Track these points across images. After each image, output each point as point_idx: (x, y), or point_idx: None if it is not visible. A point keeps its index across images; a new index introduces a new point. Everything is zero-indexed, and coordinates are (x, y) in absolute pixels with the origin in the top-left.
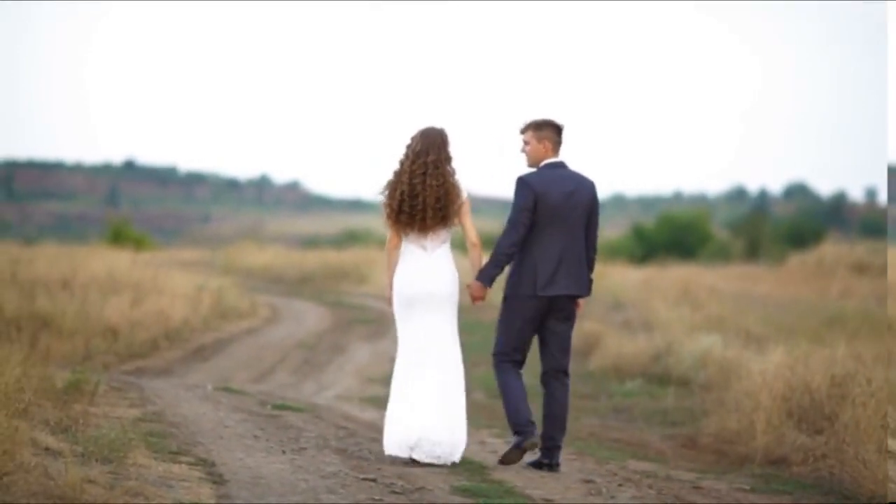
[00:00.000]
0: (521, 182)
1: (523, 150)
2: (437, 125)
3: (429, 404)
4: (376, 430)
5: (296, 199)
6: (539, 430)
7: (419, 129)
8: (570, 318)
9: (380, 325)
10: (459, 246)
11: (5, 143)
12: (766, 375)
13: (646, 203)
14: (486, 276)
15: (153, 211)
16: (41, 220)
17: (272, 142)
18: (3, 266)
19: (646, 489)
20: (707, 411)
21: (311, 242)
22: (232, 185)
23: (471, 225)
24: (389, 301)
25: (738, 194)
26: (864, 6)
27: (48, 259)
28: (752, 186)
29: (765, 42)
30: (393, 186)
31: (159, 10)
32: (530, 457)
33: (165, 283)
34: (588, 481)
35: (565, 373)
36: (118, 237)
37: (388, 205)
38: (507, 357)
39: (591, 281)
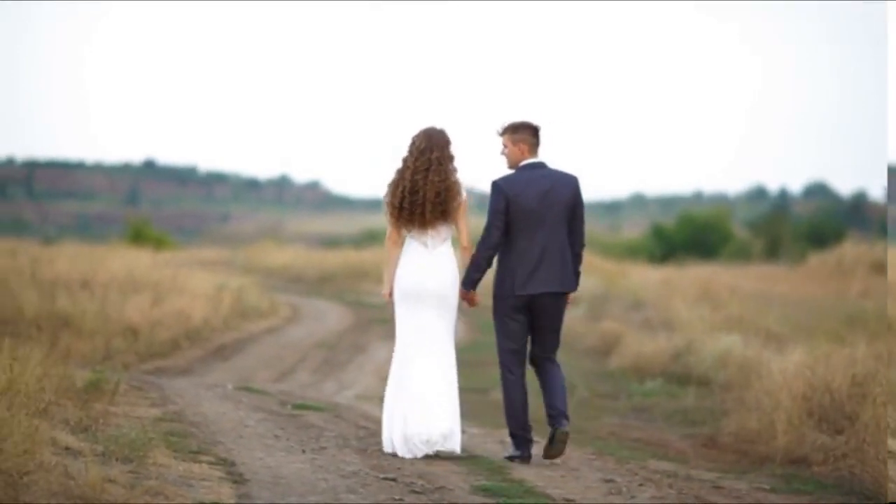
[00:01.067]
0: (494, 186)
1: (502, 153)
2: (438, 126)
3: (432, 400)
4: None
5: (316, 198)
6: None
7: (422, 128)
8: (557, 313)
9: None
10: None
11: (25, 143)
12: (786, 375)
13: (666, 202)
14: (468, 281)
15: (173, 210)
16: (61, 220)
17: (292, 141)
18: (24, 265)
19: (666, 489)
20: (727, 411)
21: (331, 242)
22: (252, 185)
23: (465, 227)
24: (387, 297)
25: (759, 194)
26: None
27: (68, 259)
28: (773, 186)
29: (786, 42)
30: (395, 184)
31: (180, 11)
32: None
33: (185, 282)
34: (608, 481)
35: (553, 359)
36: (138, 237)
37: (390, 202)
38: (509, 365)
39: (578, 275)
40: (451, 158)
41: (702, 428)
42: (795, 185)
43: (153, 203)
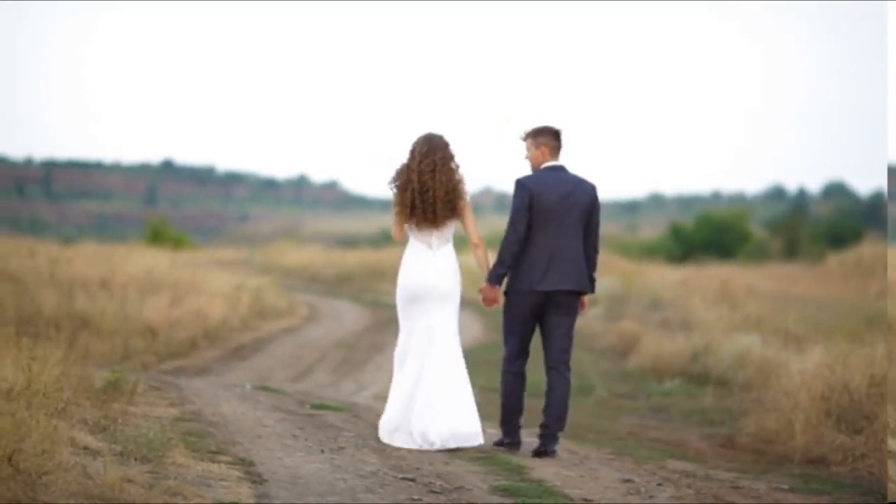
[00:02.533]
0: (518, 184)
1: (526, 157)
2: (437, 131)
3: (441, 400)
4: None
5: (334, 198)
6: (541, 419)
7: (421, 135)
8: (569, 314)
9: None
10: (461, 243)
11: (44, 143)
12: (804, 375)
13: (684, 202)
14: (493, 277)
15: (191, 210)
16: (80, 220)
17: (310, 142)
18: (42, 266)
19: (684, 489)
20: (746, 411)
21: (349, 242)
22: (270, 185)
23: (472, 225)
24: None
25: (777, 193)
26: None
27: (87, 259)
28: (791, 185)
29: (797, 42)
30: (403, 186)
31: (198, 11)
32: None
33: (204, 282)
34: (627, 481)
35: (566, 365)
36: (157, 237)
37: (400, 202)
38: (513, 364)
39: (593, 279)
40: (452, 157)
41: (720, 428)
42: (814, 185)
43: (171, 203)
